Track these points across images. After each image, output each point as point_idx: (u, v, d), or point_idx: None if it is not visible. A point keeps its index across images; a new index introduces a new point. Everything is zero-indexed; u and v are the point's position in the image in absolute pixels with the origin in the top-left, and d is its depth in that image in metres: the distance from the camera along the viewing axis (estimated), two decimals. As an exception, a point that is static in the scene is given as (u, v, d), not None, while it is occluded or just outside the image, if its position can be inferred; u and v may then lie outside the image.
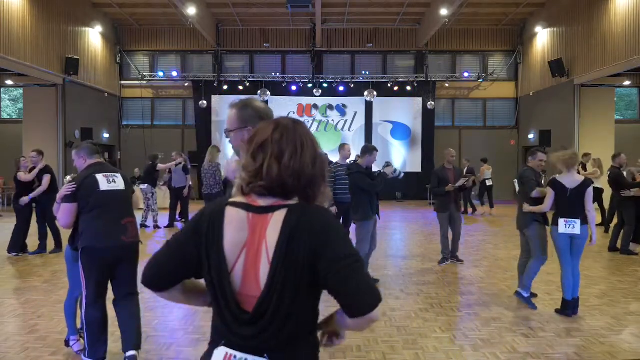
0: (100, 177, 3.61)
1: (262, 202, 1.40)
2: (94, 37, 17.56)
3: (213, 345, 1.43)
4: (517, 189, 5.82)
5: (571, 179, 5.03)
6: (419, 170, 18.78)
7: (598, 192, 12.75)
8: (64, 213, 3.56)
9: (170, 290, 1.47)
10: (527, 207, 5.29)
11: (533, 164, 5.63)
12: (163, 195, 13.90)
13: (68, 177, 3.94)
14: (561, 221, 5.03)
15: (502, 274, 6.99)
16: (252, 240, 1.37)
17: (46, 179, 7.99)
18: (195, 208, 14.14)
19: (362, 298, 1.30)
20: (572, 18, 15.58)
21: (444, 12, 14.81)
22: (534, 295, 5.64)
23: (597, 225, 12.76)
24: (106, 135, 18.29)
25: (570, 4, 15.55)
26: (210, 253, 1.38)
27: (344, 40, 19.41)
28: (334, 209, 6.86)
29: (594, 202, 12.94)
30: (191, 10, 14.78)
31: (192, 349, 4.12)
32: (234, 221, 1.39)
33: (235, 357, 1.36)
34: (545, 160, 5.60)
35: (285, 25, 19.11)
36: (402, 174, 6.53)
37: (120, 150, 19.29)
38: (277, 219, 1.36)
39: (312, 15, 16.56)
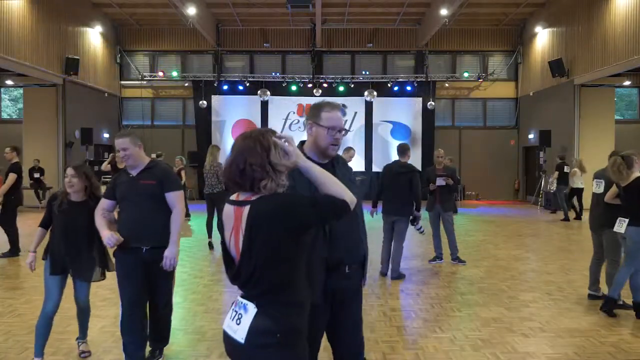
0: None
1: (241, 197, 1.93)
2: (94, 37, 17.55)
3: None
4: (598, 189, 5.50)
5: (630, 178, 4.94)
6: (419, 170, 18.71)
7: (579, 192, 12.84)
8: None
9: None
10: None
11: None
12: None
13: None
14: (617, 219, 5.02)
15: (502, 274, 6.99)
16: (236, 226, 1.91)
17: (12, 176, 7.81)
18: (195, 207, 14.06)
19: (341, 211, 1.91)
20: (572, 18, 15.57)
21: (444, 12, 14.79)
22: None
23: (574, 219, 12.81)
24: (106, 135, 18.28)
25: (570, 4, 15.54)
26: (222, 235, 2.02)
27: (344, 40, 19.40)
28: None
29: (571, 200, 12.98)
30: (191, 10, 14.77)
31: (191, 349, 4.11)
32: (227, 213, 1.97)
33: (238, 300, 1.95)
34: None
35: (285, 25, 19.11)
36: (424, 231, 7.16)
37: (120, 150, 19.30)
38: (245, 211, 1.87)
39: (312, 15, 16.53)
